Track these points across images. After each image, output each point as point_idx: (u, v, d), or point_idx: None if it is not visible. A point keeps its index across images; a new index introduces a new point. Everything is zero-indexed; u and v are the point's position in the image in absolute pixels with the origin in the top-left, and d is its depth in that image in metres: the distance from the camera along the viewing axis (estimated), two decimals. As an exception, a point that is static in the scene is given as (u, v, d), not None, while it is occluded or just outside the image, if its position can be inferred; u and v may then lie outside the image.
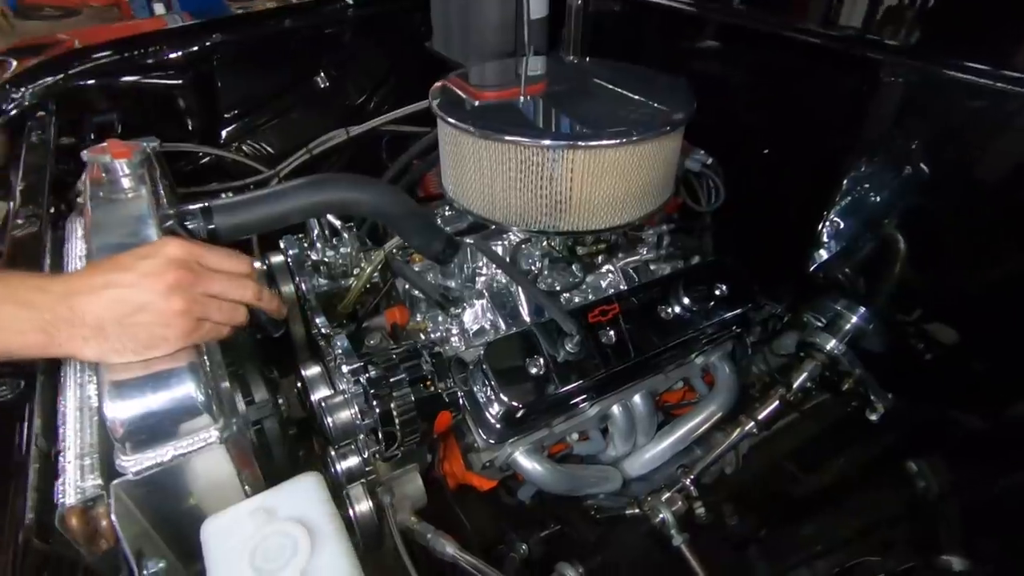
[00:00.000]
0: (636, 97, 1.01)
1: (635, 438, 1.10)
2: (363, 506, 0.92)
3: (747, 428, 1.09)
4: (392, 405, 0.84)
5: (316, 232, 1.09)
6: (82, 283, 0.59)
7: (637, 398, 1.09)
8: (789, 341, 1.27)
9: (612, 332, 0.97)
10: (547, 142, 0.84)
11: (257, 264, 1.06)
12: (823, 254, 1.05)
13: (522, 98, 1.06)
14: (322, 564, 0.54)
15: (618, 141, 0.85)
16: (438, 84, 1.10)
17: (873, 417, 1.11)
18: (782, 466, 1.21)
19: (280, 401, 0.91)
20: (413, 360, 0.88)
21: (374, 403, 0.83)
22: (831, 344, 1.05)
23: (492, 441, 0.92)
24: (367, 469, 0.92)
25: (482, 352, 0.90)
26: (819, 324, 1.14)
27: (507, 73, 1.30)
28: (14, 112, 1.13)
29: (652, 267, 1.22)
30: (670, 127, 0.90)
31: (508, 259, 1.06)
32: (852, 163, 1.04)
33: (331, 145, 1.49)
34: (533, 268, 1.08)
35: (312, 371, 0.98)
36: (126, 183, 0.80)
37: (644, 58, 1.44)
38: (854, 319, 1.04)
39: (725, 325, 1.10)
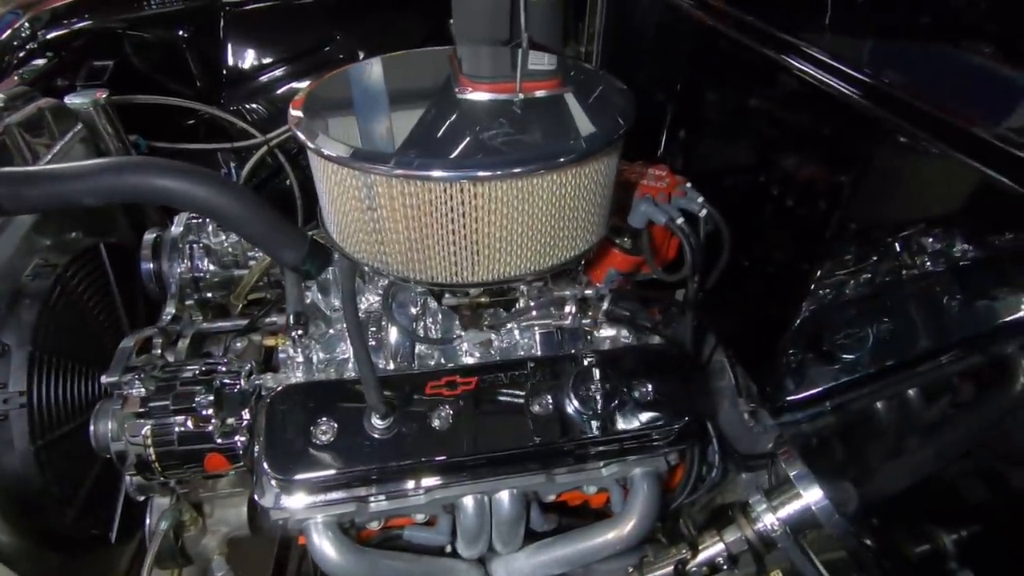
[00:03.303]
0: (558, 122, 0.76)
1: (486, 541, 0.87)
2: (151, 521, 0.84)
3: (627, 585, 0.81)
4: (147, 432, 0.73)
5: (212, 214, 1.00)
6: None
7: (503, 496, 0.85)
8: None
9: (450, 413, 0.76)
10: (356, 163, 0.64)
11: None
12: (784, 387, 0.71)
13: (519, 95, 0.85)
14: None
15: (447, 175, 0.62)
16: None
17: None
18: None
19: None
20: (193, 386, 0.76)
21: (125, 424, 0.73)
22: (767, 519, 0.71)
23: (266, 503, 0.77)
24: (168, 484, 0.83)
25: (270, 396, 0.74)
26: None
27: (500, 64, 1.10)
28: (22, 55, 1.20)
29: (603, 333, 0.95)
30: (542, 166, 0.64)
31: (385, 290, 0.88)
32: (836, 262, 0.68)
33: (328, 120, 1.39)
34: (412, 310, 0.89)
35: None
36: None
37: (673, 71, 1.13)
38: (804, 500, 0.68)
39: (637, 439, 0.82)
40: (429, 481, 0.78)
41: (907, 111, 0.61)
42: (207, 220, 1.00)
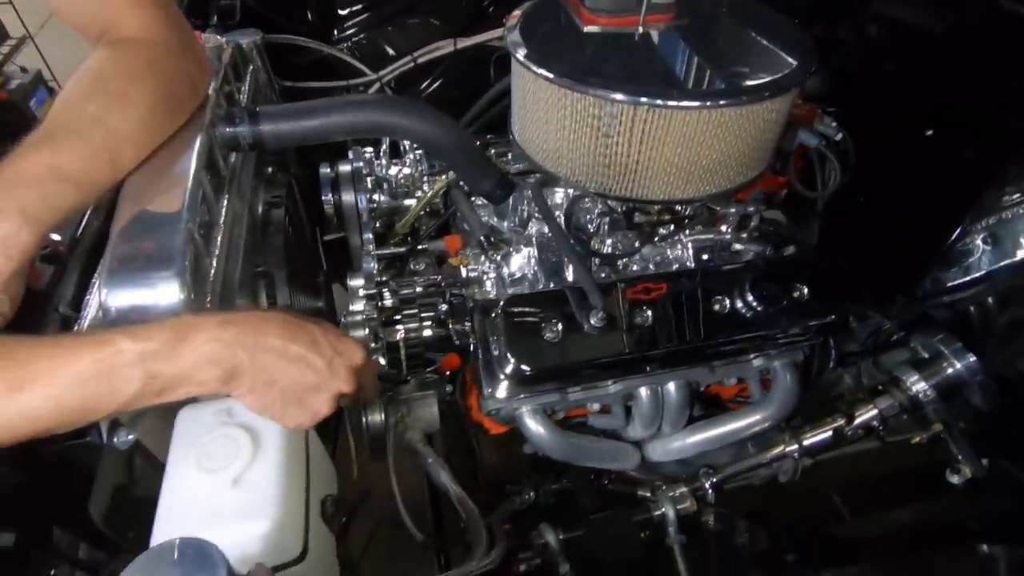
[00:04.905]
0: (749, 53, 0.85)
1: (658, 425, 1.02)
2: (373, 417, 0.97)
3: (787, 450, 0.97)
4: (399, 337, 0.86)
5: (383, 148, 1.09)
6: (278, 344, 0.57)
7: (671, 386, 1.00)
8: (896, 360, 1.08)
9: (650, 313, 0.89)
10: (603, 93, 0.73)
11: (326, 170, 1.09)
12: (941, 277, 0.85)
13: (640, 29, 0.93)
14: (255, 473, 0.57)
15: (690, 104, 0.72)
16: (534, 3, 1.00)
17: (955, 480, 0.93)
18: (828, 497, 1.08)
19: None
20: (431, 297, 0.88)
21: (380, 331, 0.85)
22: (919, 386, 0.87)
23: (497, 395, 0.90)
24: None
25: (501, 304, 0.87)
26: (922, 356, 0.95)
27: (626, -3, 1.16)
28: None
29: (738, 247, 1.08)
30: (765, 95, 0.75)
31: (564, 212, 0.99)
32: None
33: (436, 56, 1.45)
34: (589, 226, 1.00)
35: (356, 282, 1.02)
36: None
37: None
38: (957, 366, 0.84)
39: (794, 333, 0.96)
40: (626, 372, 0.93)
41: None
42: (380, 153, 1.09)
